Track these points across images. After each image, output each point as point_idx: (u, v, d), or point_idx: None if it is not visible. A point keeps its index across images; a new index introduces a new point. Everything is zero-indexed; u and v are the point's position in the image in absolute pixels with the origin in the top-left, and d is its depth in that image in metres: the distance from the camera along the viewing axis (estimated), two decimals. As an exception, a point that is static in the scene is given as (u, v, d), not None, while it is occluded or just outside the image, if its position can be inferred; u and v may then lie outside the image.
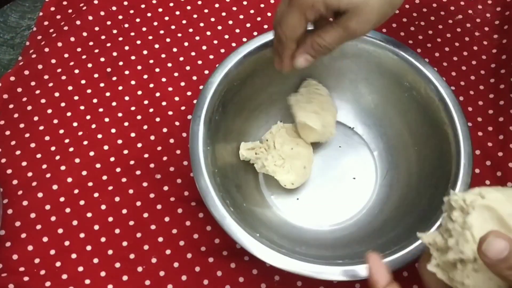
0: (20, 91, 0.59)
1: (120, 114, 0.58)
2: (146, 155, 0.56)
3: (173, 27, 0.64)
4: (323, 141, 0.56)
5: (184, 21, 0.65)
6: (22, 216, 0.52)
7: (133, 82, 0.60)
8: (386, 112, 0.57)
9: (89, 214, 0.53)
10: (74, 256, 0.51)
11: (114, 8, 0.65)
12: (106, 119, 0.58)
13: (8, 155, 0.55)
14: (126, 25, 0.64)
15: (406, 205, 0.52)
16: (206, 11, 0.65)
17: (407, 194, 0.53)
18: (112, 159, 0.56)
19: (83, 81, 0.60)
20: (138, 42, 0.63)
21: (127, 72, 0.61)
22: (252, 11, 0.66)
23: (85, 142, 0.56)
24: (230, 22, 0.65)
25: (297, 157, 0.53)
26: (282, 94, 0.57)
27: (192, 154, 0.48)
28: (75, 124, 0.57)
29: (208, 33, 0.64)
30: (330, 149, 0.58)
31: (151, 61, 0.62)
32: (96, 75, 0.60)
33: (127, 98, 0.59)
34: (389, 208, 0.53)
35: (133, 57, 0.62)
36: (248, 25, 0.65)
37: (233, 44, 0.63)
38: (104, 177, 0.55)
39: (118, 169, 0.55)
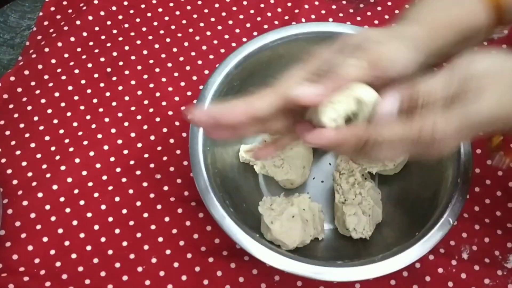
0: (20, 91, 0.59)
1: (120, 114, 0.58)
2: (146, 155, 0.56)
3: (173, 27, 0.64)
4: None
5: (184, 21, 0.65)
6: (22, 216, 0.52)
7: (133, 82, 0.60)
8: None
9: (89, 214, 0.53)
10: (74, 256, 0.51)
11: (114, 8, 0.65)
12: (106, 119, 0.58)
13: (8, 155, 0.55)
14: (126, 25, 0.64)
15: (406, 206, 0.52)
16: (206, 11, 0.65)
17: (406, 195, 0.53)
18: (112, 159, 0.56)
19: (83, 81, 0.60)
20: (138, 42, 0.63)
21: (127, 72, 0.61)
22: (252, 11, 0.66)
23: (85, 142, 0.56)
24: (230, 22, 0.65)
25: (297, 157, 0.53)
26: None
27: (192, 155, 0.48)
28: (75, 124, 0.57)
29: (208, 33, 0.64)
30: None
31: (151, 61, 0.62)
32: (96, 75, 0.60)
33: (127, 98, 0.59)
34: (388, 209, 0.53)
35: (133, 57, 0.62)
36: (248, 25, 0.65)
37: (233, 44, 0.63)
38: (104, 177, 0.55)
39: (118, 169, 0.55)
